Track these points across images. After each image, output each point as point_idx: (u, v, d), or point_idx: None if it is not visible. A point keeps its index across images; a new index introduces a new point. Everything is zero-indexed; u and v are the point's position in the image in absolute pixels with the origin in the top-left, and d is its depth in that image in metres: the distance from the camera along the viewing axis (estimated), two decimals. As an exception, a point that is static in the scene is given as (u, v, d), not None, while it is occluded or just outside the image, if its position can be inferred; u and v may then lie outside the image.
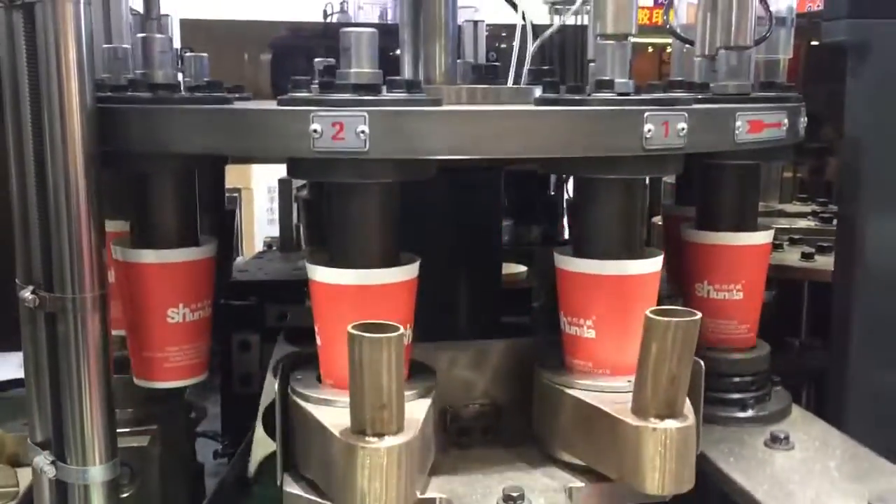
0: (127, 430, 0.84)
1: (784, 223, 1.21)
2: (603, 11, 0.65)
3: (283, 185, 1.41)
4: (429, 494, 0.66)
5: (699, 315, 0.61)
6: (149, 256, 0.74)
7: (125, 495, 0.83)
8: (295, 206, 1.38)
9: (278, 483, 0.69)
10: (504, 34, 1.77)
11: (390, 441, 0.59)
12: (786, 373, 0.89)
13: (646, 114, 0.63)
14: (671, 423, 0.62)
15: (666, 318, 0.60)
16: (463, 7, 1.07)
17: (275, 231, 1.51)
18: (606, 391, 0.68)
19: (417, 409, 0.65)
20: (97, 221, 0.68)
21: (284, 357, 0.76)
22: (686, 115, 0.64)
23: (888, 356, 0.92)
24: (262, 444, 0.86)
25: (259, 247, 1.65)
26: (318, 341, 0.70)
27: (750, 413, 0.84)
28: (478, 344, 0.79)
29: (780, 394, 0.87)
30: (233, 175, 1.24)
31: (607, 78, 0.65)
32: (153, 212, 0.75)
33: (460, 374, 0.78)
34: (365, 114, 0.60)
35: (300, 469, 0.68)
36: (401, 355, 0.58)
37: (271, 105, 0.65)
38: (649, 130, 0.63)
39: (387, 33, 0.75)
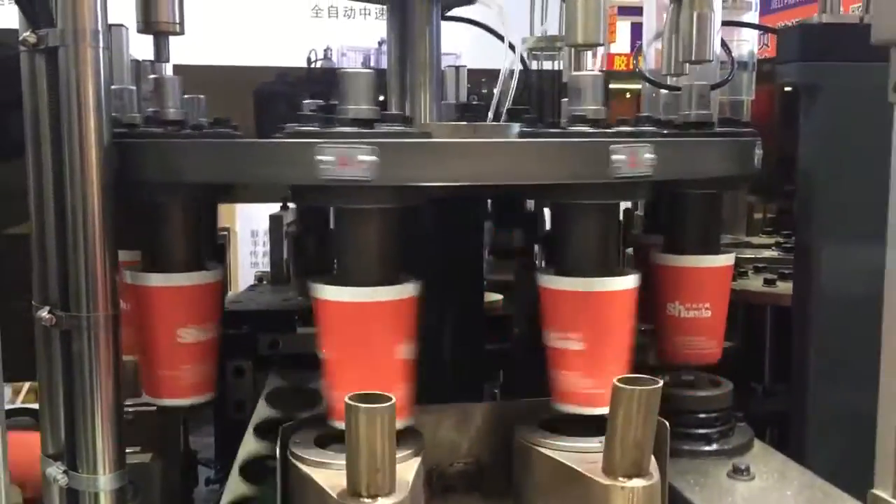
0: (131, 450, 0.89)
1: (750, 254, 1.29)
2: (573, 22, 0.71)
3: (274, 221, 1.46)
4: None
5: (661, 383, 0.66)
6: (159, 280, 0.80)
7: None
8: (285, 241, 1.43)
9: None
10: (484, 79, 1.85)
11: (383, 502, 0.64)
12: (750, 415, 0.95)
13: (613, 145, 0.69)
14: (638, 482, 0.68)
15: (630, 387, 0.66)
16: (446, 54, 1.14)
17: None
18: (578, 451, 0.74)
19: (408, 471, 0.70)
20: (111, 246, 0.74)
21: (286, 426, 0.79)
22: (652, 146, 0.71)
23: (844, 372, 0.98)
24: (236, 488, 0.89)
25: (242, 288, 1.70)
26: (324, 355, 0.74)
27: (714, 447, 0.89)
28: (462, 406, 0.84)
29: (742, 429, 0.93)
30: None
31: (581, 112, 0.72)
32: (163, 238, 0.81)
33: (446, 436, 0.83)
34: (370, 145, 0.66)
35: None
36: (393, 423, 0.63)
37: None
38: (618, 160, 0.69)
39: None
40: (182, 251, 0.81)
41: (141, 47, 1.03)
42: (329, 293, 0.72)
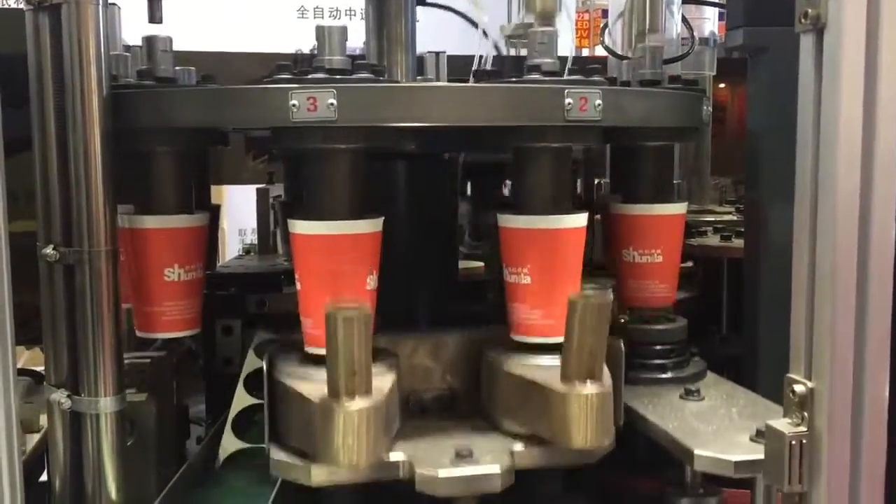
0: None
1: (711, 218, 1.37)
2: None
3: (261, 194, 1.54)
4: (393, 458, 0.78)
5: (611, 296, 0.74)
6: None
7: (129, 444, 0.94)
8: (272, 212, 1.50)
9: (266, 451, 0.81)
10: (464, 65, 1.92)
11: (361, 403, 0.71)
12: (709, 360, 1.02)
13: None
14: (592, 388, 0.75)
15: (583, 300, 0.73)
16: (431, 52, 1.22)
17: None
18: (539, 367, 0.81)
19: (383, 382, 0.78)
20: (111, 187, 0.81)
21: (270, 345, 0.87)
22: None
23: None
24: (230, 444, 0.98)
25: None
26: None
27: (669, 375, 0.97)
28: (436, 335, 0.91)
29: (697, 362, 1.01)
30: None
31: (536, 62, 0.79)
32: (154, 183, 0.88)
33: (420, 363, 0.90)
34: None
35: (283, 440, 0.81)
36: (368, 329, 0.70)
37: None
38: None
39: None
40: (171, 196, 0.88)
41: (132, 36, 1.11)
42: (301, 227, 0.79)
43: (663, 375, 0.97)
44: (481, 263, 1.32)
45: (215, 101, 0.79)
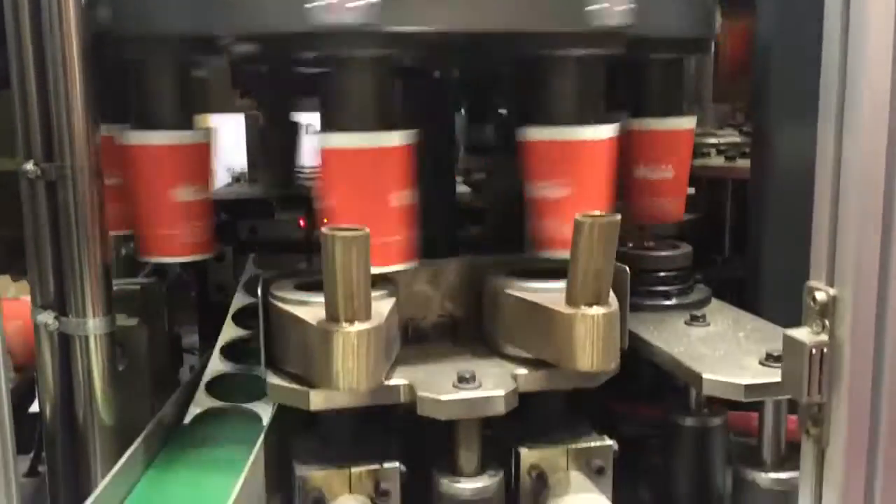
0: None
1: (713, 140, 1.33)
2: None
3: (250, 119, 1.49)
4: (393, 383, 0.75)
5: (618, 216, 0.70)
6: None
7: (120, 368, 0.92)
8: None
9: (263, 377, 0.78)
10: None
11: (360, 326, 0.68)
12: (711, 282, 1.00)
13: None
14: (598, 310, 0.72)
15: (590, 219, 0.69)
16: None
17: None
18: (543, 290, 0.78)
19: (383, 306, 0.75)
20: (91, 98, 0.76)
21: (266, 275, 0.82)
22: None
23: (796, 240, 1.02)
24: (200, 404, 0.92)
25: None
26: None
27: (673, 301, 0.95)
28: (435, 262, 0.87)
29: (701, 289, 0.99)
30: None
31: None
32: (155, 95, 0.82)
33: (420, 290, 0.87)
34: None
35: (279, 365, 0.77)
36: (367, 252, 0.66)
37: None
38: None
39: None
40: (172, 109, 0.83)
41: None
42: (327, 141, 0.74)
43: (667, 302, 0.94)
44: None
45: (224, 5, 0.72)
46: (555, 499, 0.78)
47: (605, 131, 0.79)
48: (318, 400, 0.74)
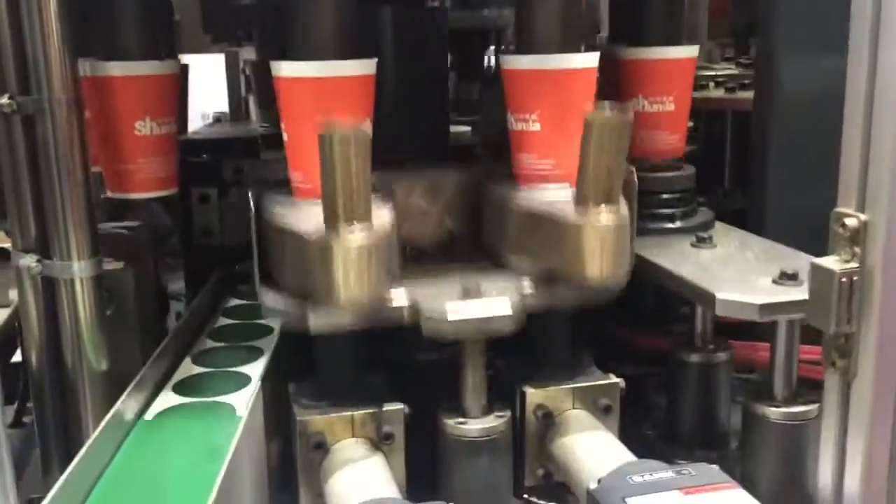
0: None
1: (711, 73, 1.30)
2: None
3: (231, 57, 1.43)
4: (395, 302, 0.72)
5: (631, 115, 0.66)
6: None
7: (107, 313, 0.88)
8: (242, 77, 1.40)
9: (257, 293, 0.74)
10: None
11: (361, 235, 0.65)
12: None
13: None
14: (609, 219, 0.69)
15: (603, 115, 0.66)
16: None
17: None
18: (549, 199, 0.74)
19: (382, 214, 0.71)
20: (68, 28, 0.71)
21: (255, 183, 0.79)
22: None
23: (801, 171, 1.00)
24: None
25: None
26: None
27: (678, 224, 0.92)
28: (432, 174, 0.84)
29: (704, 211, 0.96)
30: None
31: None
32: (119, 25, 0.79)
33: (417, 204, 0.83)
34: None
35: (276, 284, 0.74)
36: (367, 149, 0.63)
37: None
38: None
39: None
40: (137, 39, 0.79)
41: None
42: (285, 69, 0.71)
43: (672, 225, 0.92)
44: (468, 128, 1.27)
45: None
46: (560, 438, 0.77)
47: (582, 60, 0.75)
48: (317, 319, 0.70)
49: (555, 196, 0.74)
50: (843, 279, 0.54)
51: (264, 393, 0.78)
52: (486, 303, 0.70)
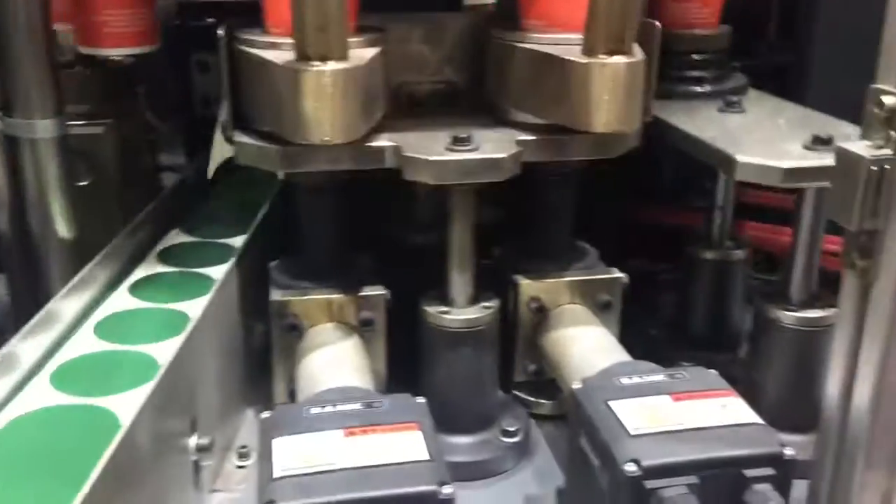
0: (82, 122, 0.84)
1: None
2: None
3: None
4: (377, 143, 0.66)
5: None
6: None
7: (82, 183, 0.84)
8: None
9: (228, 135, 0.68)
10: None
11: (334, 65, 0.58)
12: (750, 69, 0.88)
13: None
14: (619, 59, 0.61)
15: None
16: None
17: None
18: (557, 40, 0.66)
19: (364, 52, 0.64)
20: None
21: (229, 21, 0.72)
22: None
23: (854, 33, 0.90)
24: (221, 149, 0.86)
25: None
26: None
27: (707, 88, 0.83)
28: (433, 16, 0.76)
29: (738, 77, 0.87)
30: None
31: None
32: None
33: (415, 49, 0.75)
34: None
35: (250, 124, 0.68)
36: None
37: None
38: None
39: None
40: None
41: None
42: None
43: (700, 89, 0.83)
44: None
45: None
46: (553, 332, 0.71)
47: None
48: (287, 159, 0.64)
49: (565, 37, 0.66)
50: (874, 167, 0.46)
51: (248, 269, 0.74)
52: (477, 151, 0.63)
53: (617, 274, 0.74)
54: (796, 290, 0.69)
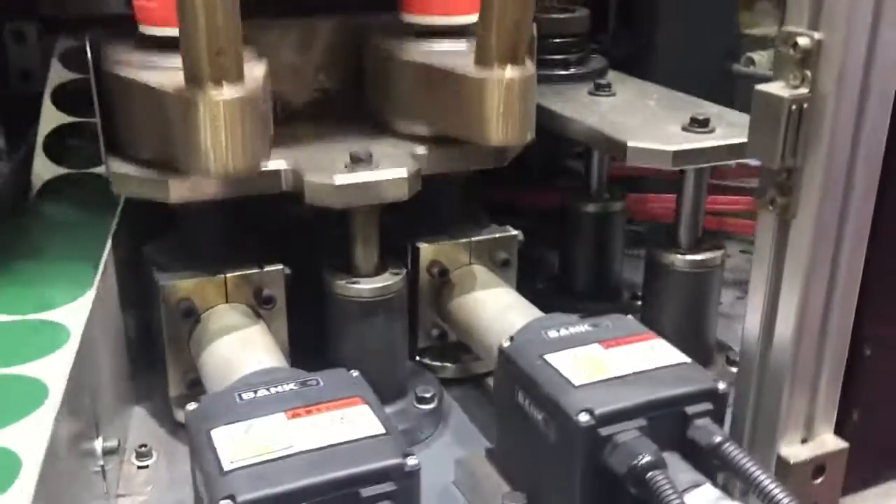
0: None
1: None
2: None
3: None
4: (273, 166, 0.62)
5: None
6: None
7: None
8: None
9: (104, 165, 0.63)
10: None
11: (231, 91, 0.54)
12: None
13: None
14: (514, 72, 0.61)
15: None
16: None
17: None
18: (445, 52, 0.66)
19: (255, 69, 0.60)
20: None
21: (91, 36, 0.65)
22: None
23: (694, 16, 0.95)
24: (45, 170, 0.78)
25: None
26: None
27: (572, 71, 0.86)
28: (306, 22, 0.72)
29: (598, 58, 0.90)
30: None
31: None
32: None
33: (288, 59, 0.71)
34: None
35: (125, 151, 0.62)
36: None
37: None
38: None
39: None
40: None
41: None
42: None
43: (566, 72, 0.85)
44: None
45: None
46: (460, 296, 0.71)
47: None
48: (180, 189, 0.60)
49: (452, 47, 0.66)
50: (793, 107, 0.48)
51: (123, 255, 0.67)
52: (378, 170, 0.61)
53: (512, 231, 0.74)
54: (685, 236, 0.72)
